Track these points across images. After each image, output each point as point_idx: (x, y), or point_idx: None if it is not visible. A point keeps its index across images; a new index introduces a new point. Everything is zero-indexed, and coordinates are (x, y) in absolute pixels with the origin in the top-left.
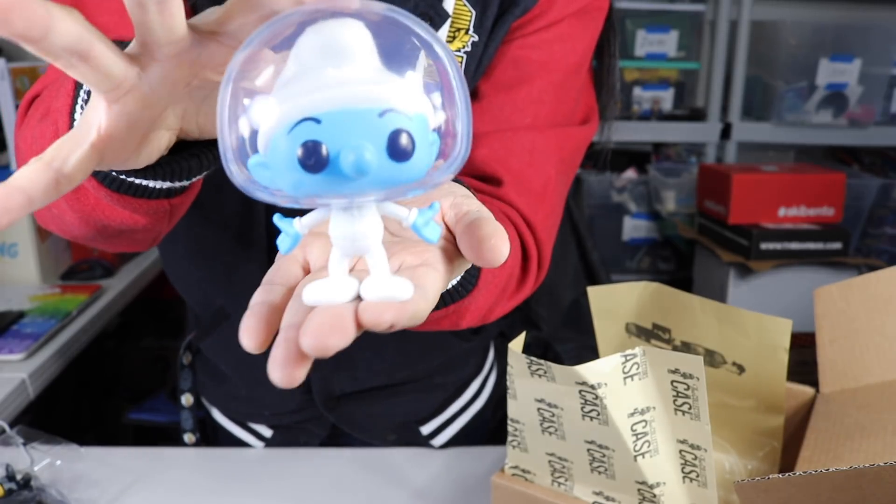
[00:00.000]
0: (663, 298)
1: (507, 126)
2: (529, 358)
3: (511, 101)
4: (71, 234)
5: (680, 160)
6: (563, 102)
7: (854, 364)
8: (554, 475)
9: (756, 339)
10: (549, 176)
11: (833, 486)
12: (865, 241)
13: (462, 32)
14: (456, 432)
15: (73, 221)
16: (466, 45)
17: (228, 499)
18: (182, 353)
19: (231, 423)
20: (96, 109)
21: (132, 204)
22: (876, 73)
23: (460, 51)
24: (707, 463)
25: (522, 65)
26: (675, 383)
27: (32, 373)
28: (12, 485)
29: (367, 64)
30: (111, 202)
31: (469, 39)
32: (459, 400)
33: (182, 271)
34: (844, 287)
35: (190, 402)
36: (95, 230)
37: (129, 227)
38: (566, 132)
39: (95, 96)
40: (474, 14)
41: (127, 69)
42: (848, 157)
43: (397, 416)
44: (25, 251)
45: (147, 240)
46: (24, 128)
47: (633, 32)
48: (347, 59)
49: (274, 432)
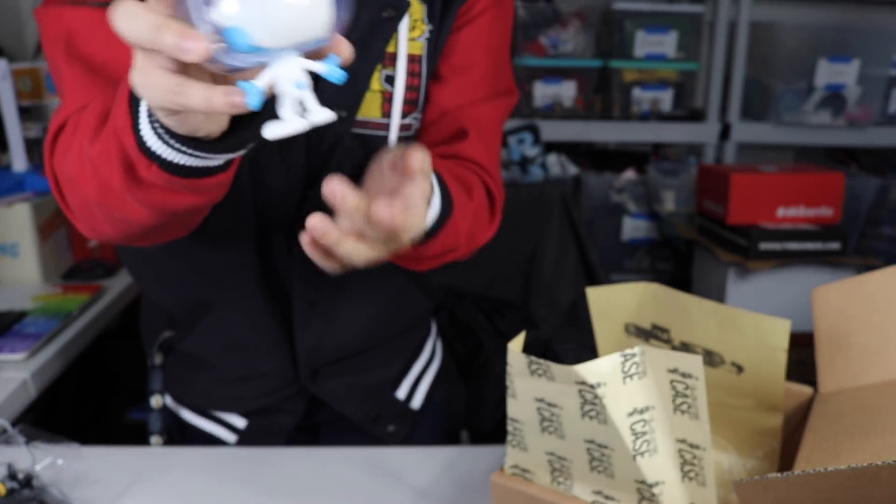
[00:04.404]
0: (662, 299)
1: (466, 101)
2: (529, 357)
3: (467, 81)
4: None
5: (679, 160)
6: (501, 75)
7: (852, 364)
8: (553, 474)
9: (755, 340)
10: (499, 135)
11: (832, 486)
12: (864, 241)
13: (419, 22)
14: (427, 390)
15: (142, 217)
16: (425, 33)
17: (229, 498)
18: (153, 354)
19: (202, 420)
20: None
21: (194, 185)
22: (874, 73)
23: (421, 38)
24: (706, 462)
25: (472, 50)
26: (674, 383)
27: (34, 372)
28: (14, 484)
29: None
30: (177, 189)
31: (426, 27)
32: (419, 360)
33: (155, 271)
34: (843, 287)
35: (160, 404)
36: (164, 218)
37: (193, 207)
38: (505, 101)
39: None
40: (425, 7)
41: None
42: (846, 157)
43: (371, 382)
44: (27, 251)
45: (198, 221)
46: (67, 154)
47: (632, 33)
48: None
49: (248, 422)
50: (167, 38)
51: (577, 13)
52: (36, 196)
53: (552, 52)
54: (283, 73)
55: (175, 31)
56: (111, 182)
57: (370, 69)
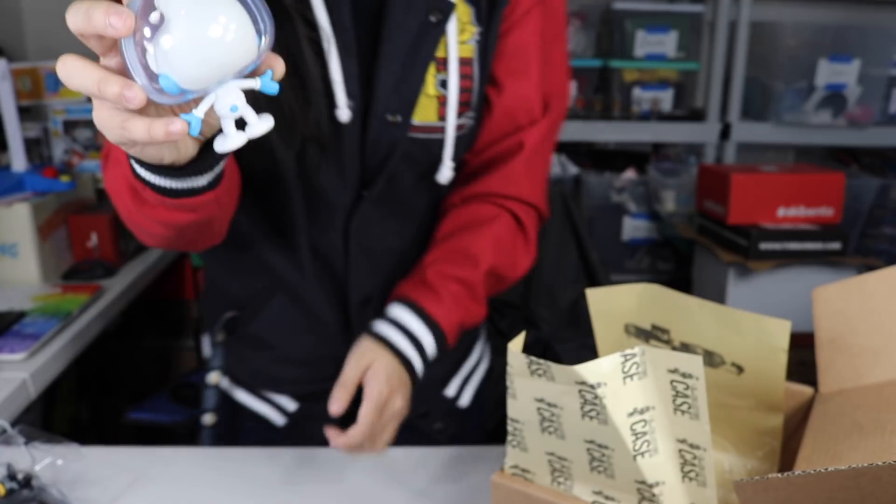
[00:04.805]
0: (662, 300)
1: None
2: (529, 357)
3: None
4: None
5: (679, 160)
6: (553, 77)
7: (853, 364)
8: (553, 474)
9: (755, 340)
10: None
11: (832, 486)
12: (864, 241)
13: (468, 25)
14: (475, 390)
15: (159, 231)
16: (475, 36)
17: (229, 498)
18: (215, 332)
19: (255, 399)
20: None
21: (187, 204)
22: (875, 73)
23: (471, 40)
24: (706, 462)
25: (522, 52)
26: (674, 383)
27: (34, 373)
28: (13, 484)
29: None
30: (171, 208)
31: (475, 30)
32: (469, 360)
33: (221, 260)
34: (843, 287)
35: (216, 381)
36: (177, 232)
37: (194, 222)
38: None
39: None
40: (472, 9)
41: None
42: (847, 157)
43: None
44: (26, 251)
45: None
46: (107, 173)
47: (632, 33)
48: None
49: (299, 405)
50: (109, 89)
51: (578, 13)
52: (35, 196)
53: None
54: (220, 98)
55: (115, 83)
56: (126, 203)
57: (421, 73)
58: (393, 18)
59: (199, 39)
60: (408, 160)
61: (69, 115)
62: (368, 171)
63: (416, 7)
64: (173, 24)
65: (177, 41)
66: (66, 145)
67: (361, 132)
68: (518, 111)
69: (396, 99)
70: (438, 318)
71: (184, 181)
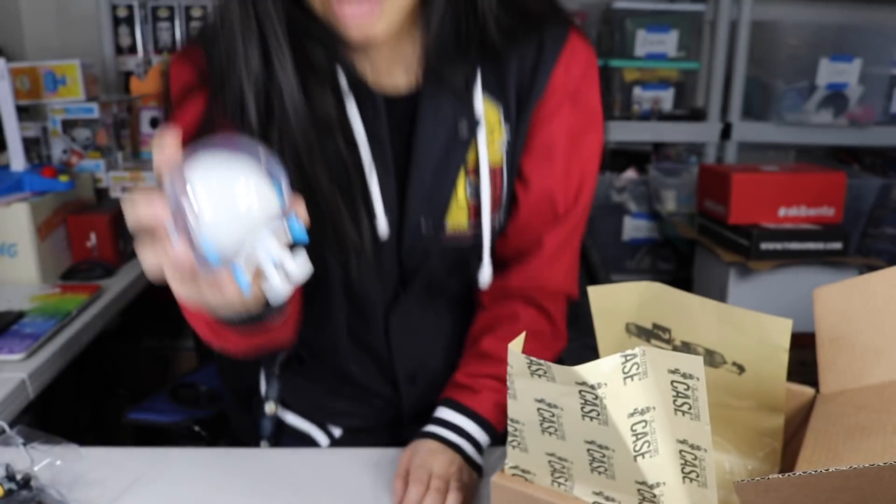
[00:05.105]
0: (663, 298)
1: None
2: (529, 358)
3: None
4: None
5: (680, 160)
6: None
7: (854, 364)
8: (554, 475)
9: (756, 339)
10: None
11: (833, 487)
12: (866, 241)
13: (497, 126)
14: None
15: (233, 351)
16: (504, 137)
17: (228, 499)
18: (277, 365)
19: (304, 422)
20: None
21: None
22: (876, 72)
23: (500, 143)
24: (707, 463)
25: (551, 149)
26: (675, 383)
27: (32, 373)
28: (12, 485)
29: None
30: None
31: (503, 131)
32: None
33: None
34: (844, 287)
35: (273, 411)
36: (250, 352)
37: (267, 344)
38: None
39: None
40: (501, 108)
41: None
42: (848, 156)
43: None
44: (25, 251)
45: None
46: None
47: (633, 32)
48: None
49: (343, 432)
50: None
51: (578, 12)
52: (34, 196)
53: None
54: (258, 252)
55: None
56: (202, 331)
57: (451, 184)
58: (424, 128)
59: (227, 211)
60: (443, 262)
61: (68, 114)
62: (406, 274)
63: (445, 118)
64: (202, 206)
65: (208, 218)
66: (65, 145)
67: (398, 241)
68: (542, 208)
69: (428, 208)
70: (476, 407)
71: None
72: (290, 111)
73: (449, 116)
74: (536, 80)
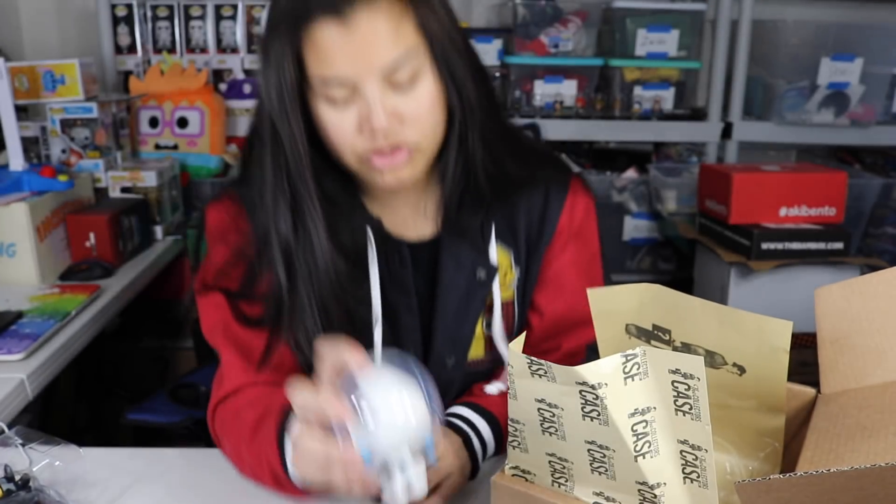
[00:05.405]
0: (663, 300)
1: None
2: (529, 358)
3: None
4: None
5: (681, 160)
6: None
7: (855, 364)
8: (554, 476)
9: (756, 341)
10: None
11: (834, 487)
12: (867, 241)
13: (508, 269)
14: None
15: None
16: (515, 278)
17: (227, 499)
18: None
19: None
20: None
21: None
22: (877, 72)
23: (511, 284)
24: (708, 463)
25: (560, 283)
26: (675, 384)
27: (31, 373)
28: (11, 485)
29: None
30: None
31: (514, 273)
32: None
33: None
34: (845, 287)
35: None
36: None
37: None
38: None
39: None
40: (511, 253)
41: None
42: (849, 156)
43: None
44: (24, 251)
45: None
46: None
47: (633, 32)
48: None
49: None
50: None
51: (578, 11)
52: (33, 195)
53: (553, 51)
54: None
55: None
56: (263, 480)
57: (472, 326)
58: (447, 276)
59: (392, 423)
60: (459, 383)
61: (67, 113)
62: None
63: (465, 266)
64: (368, 415)
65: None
66: (64, 144)
67: None
68: (556, 330)
69: (451, 345)
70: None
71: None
72: (321, 268)
73: (468, 265)
74: (545, 228)
